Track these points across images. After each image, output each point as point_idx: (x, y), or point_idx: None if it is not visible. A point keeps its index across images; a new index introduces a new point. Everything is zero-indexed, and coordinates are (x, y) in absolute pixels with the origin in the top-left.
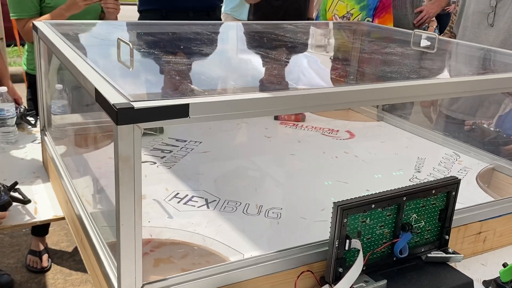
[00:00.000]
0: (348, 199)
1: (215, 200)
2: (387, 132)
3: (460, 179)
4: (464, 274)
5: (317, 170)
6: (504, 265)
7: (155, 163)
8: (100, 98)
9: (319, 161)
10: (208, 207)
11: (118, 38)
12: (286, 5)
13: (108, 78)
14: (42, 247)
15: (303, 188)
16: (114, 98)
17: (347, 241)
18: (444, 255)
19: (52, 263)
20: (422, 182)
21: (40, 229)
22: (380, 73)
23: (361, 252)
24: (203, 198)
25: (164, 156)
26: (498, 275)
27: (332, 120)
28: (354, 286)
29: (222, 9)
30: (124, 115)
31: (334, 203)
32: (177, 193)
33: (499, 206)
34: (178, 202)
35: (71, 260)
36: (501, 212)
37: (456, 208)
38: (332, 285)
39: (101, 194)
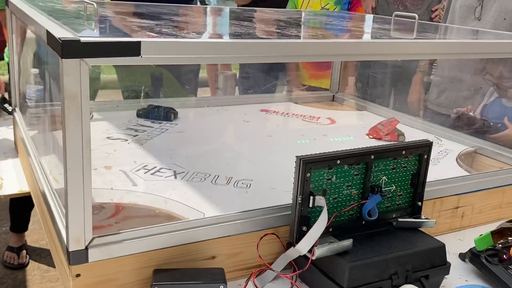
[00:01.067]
0: (312, 154)
1: (184, 172)
2: (369, 119)
3: (432, 142)
4: (435, 238)
5: (292, 149)
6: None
7: (126, 140)
8: (49, 38)
9: (295, 142)
10: (175, 177)
11: (84, 1)
12: (271, 6)
13: (63, 25)
14: (20, 244)
15: (275, 164)
16: (60, 33)
17: (311, 197)
18: (416, 220)
19: (30, 260)
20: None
21: (19, 226)
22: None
23: (325, 209)
24: (171, 169)
25: (137, 135)
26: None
27: (314, 109)
28: (318, 245)
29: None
30: (69, 48)
31: (297, 156)
32: (145, 165)
33: (477, 180)
34: (145, 173)
35: (50, 257)
36: (479, 186)
37: (431, 180)
38: (295, 245)
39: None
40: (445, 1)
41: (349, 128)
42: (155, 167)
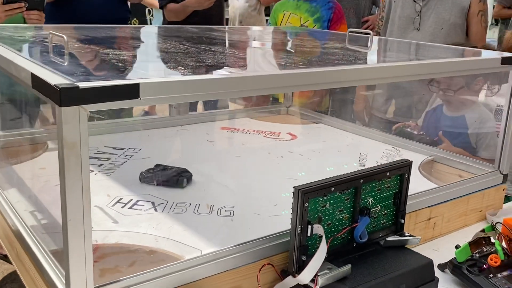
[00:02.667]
0: (307, 183)
1: (163, 203)
2: (327, 132)
3: (411, 161)
4: (423, 255)
5: (264, 170)
6: (457, 247)
7: (92, 171)
8: (38, 82)
9: (265, 161)
10: (155, 210)
11: (50, 32)
12: (202, 22)
13: (45, 65)
14: None
15: (252, 187)
16: (54, 79)
17: (309, 226)
18: (402, 238)
19: None
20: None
21: None
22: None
23: (324, 238)
24: (149, 201)
25: (102, 164)
26: (452, 257)
27: (272, 123)
28: (318, 274)
29: None
30: (68, 96)
31: (294, 187)
32: (120, 198)
33: (445, 192)
34: (122, 207)
35: None
36: (448, 197)
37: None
38: (296, 275)
39: (38, 203)
40: (381, 11)
41: (312, 143)
42: (131, 199)
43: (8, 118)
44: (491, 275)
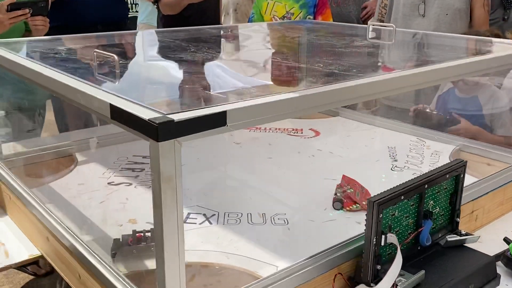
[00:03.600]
0: (379, 194)
1: (214, 214)
2: (348, 126)
3: (466, 161)
4: (483, 253)
5: (300, 171)
6: (506, 239)
7: (130, 184)
8: (120, 115)
9: (298, 162)
10: (210, 223)
11: (95, 51)
12: (196, 15)
13: (115, 92)
14: None
15: (296, 191)
16: (143, 112)
17: (383, 236)
18: (462, 237)
19: None
20: (433, 169)
21: None
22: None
23: (398, 246)
24: (200, 213)
25: (138, 176)
26: (498, 251)
27: (291, 119)
28: (396, 283)
29: (138, 20)
30: (165, 130)
31: (368, 199)
32: None
33: (486, 184)
34: None
35: None
36: (488, 189)
37: None
38: (372, 284)
39: (93, 224)
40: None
41: (337, 139)
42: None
43: (23, 129)
44: None
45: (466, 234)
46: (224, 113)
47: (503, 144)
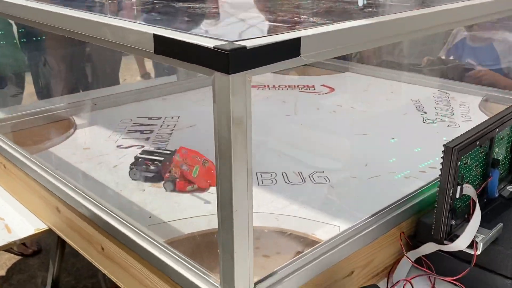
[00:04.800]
0: (455, 139)
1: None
2: (361, 81)
3: None
4: None
5: (325, 127)
6: None
7: (143, 146)
8: (171, 47)
9: (320, 118)
10: None
11: None
12: None
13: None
14: None
15: (327, 147)
16: (203, 41)
17: (458, 187)
18: None
19: None
20: (498, 113)
21: None
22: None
23: (476, 198)
24: None
25: (148, 138)
26: None
27: (298, 77)
28: (475, 239)
29: None
30: (237, 60)
31: (445, 145)
32: None
33: None
34: None
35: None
36: None
37: None
38: (446, 242)
39: (110, 191)
40: None
41: (355, 94)
42: None
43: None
44: None
45: None
46: (297, 40)
47: None
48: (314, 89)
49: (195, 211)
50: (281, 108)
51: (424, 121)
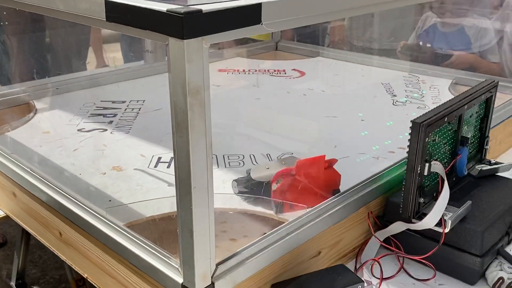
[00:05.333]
0: (423, 115)
1: (213, 157)
2: (332, 65)
3: (498, 81)
4: None
5: (295, 110)
6: None
7: (105, 129)
8: (123, 13)
9: (290, 101)
10: None
11: None
12: None
13: None
14: None
15: (296, 129)
16: (155, 5)
17: (427, 165)
18: (494, 166)
19: None
20: (467, 90)
21: None
22: None
23: (444, 175)
24: None
25: (112, 121)
26: None
27: (270, 61)
28: (444, 217)
29: None
30: (192, 23)
31: (412, 121)
32: (160, 157)
33: (498, 113)
34: (168, 166)
35: None
36: (500, 119)
37: None
38: (414, 220)
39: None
40: None
41: (325, 78)
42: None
43: None
44: None
45: (496, 163)
46: (258, 7)
47: (498, 72)
48: (285, 73)
49: (159, 194)
50: (251, 92)
51: (394, 103)
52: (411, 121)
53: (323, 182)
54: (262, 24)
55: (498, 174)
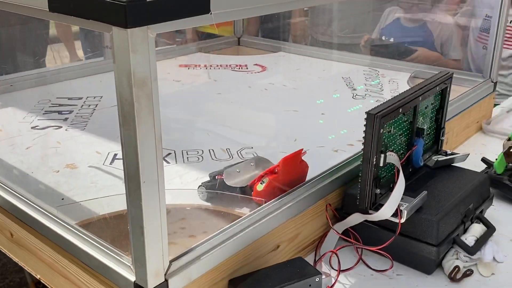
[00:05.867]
0: (378, 106)
1: (170, 153)
2: (294, 60)
3: (453, 73)
4: (475, 171)
5: (256, 105)
6: (484, 159)
7: (60, 126)
8: (65, 2)
9: (251, 96)
10: (168, 162)
11: None
12: None
13: None
14: None
15: (256, 124)
16: None
17: (382, 156)
18: (450, 157)
19: None
20: (422, 81)
21: None
22: None
23: (400, 167)
24: None
25: (67, 118)
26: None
27: (231, 56)
28: (400, 207)
29: None
30: (136, 12)
31: (367, 112)
32: (115, 154)
33: (455, 105)
34: None
35: None
36: (457, 111)
37: None
38: (371, 212)
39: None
40: None
41: (287, 72)
42: None
43: None
44: None
45: (452, 154)
46: None
47: (457, 67)
48: (247, 68)
49: (113, 191)
50: (212, 87)
51: (354, 97)
52: (366, 112)
53: (299, 175)
54: (211, 13)
55: (454, 164)
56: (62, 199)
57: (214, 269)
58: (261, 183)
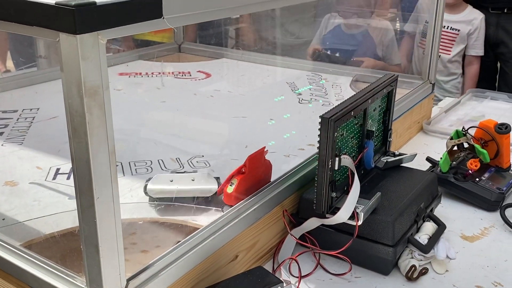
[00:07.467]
0: (331, 110)
1: (117, 165)
2: (238, 66)
3: (398, 75)
4: (423, 171)
5: (203, 112)
6: (429, 159)
7: None
8: (7, 9)
9: (197, 104)
10: None
11: None
12: None
13: None
14: None
15: (205, 131)
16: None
17: (337, 159)
18: (399, 157)
19: None
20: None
21: None
22: None
23: (354, 169)
24: None
25: (2, 132)
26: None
27: (173, 63)
28: (356, 210)
29: None
30: (85, 17)
31: (321, 116)
32: (58, 169)
33: (398, 107)
34: (68, 178)
35: None
36: (400, 112)
37: None
38: (328, 215)
39: None
40: None
41: (232, 79)
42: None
43: None
44: (477, 179)
45: (400, 154)
46: (159, 1)
47: (398, 72)
48: (190, 75)
49: (58, 208)
50: (155, 95)
51: (300, 101)
52: (320, 116)
53: (265, 174)
54: (163, 18)
55: (403, 165)
56: (3, 219)
57: (174, 284)
58: (230, 185)
